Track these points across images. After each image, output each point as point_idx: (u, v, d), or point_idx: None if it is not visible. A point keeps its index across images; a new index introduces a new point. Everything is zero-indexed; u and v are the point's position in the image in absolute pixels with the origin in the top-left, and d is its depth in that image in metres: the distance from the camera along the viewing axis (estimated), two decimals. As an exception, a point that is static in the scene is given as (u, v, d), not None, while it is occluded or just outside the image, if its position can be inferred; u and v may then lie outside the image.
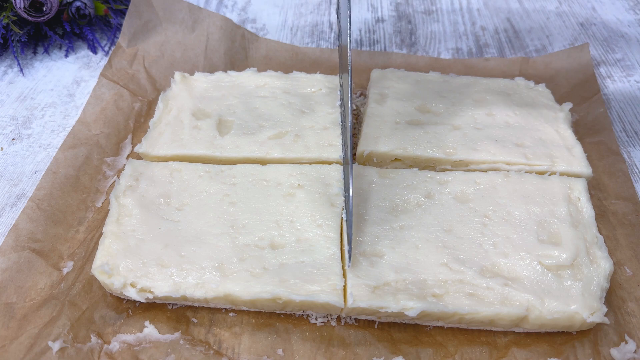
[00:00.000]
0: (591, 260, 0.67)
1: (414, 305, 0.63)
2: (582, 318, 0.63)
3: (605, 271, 0.66)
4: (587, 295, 0.64)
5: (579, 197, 0.74)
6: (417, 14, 1.24)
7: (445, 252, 0.68)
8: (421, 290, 0.65)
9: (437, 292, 0.65)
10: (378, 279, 0.66)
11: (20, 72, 1.06)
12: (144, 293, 0.66)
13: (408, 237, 0.70)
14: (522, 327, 0.66)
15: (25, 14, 1.03)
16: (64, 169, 0.83)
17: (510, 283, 0.65)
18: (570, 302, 0.64)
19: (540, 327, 0.65)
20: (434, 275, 0.66)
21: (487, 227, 0.71)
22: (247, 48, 1.09)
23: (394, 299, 0.64)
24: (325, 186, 0.76)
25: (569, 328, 0.65)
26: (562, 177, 0.77)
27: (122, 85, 0.98)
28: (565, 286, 0.65)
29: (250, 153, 0.81)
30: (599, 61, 1.08)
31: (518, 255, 0.68)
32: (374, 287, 0.65)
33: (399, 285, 0.66)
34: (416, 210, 0.73)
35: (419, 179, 0.77)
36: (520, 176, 0.77)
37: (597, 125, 0.91)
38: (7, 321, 0.67)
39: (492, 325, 0.66)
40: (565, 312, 0.63)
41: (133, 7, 1.05)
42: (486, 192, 0.75)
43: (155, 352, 0.65)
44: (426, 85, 0.92)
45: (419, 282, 0.66)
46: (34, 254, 0.73)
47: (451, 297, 0.64)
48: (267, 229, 0.71)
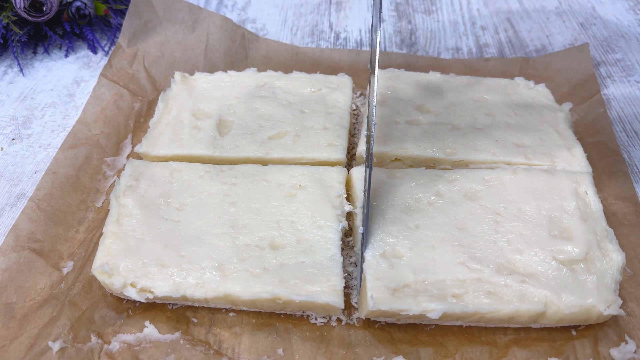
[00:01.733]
0: (603, 253, 0.68)
1: (436, 307, 0.63)
2: (599, 311, 0.63)
3: (617, 264, 0.67)
4: (602, 288, 0.65)
5: (586, 192, 0.74)
6: (417, 14, 1.24)
7: (462, 250, 0.68)
8: (441, 291, 0.65)
9: (457, 292, 0.65)
10: (398, 281, 0.65)
11: (20, 72, 1.06)
12: (144, 293, 0.66)
13: (424, 236, 0.70)
14: (540, 323, 0.66)
15: (25, 14, 1.03)
16: (64, 169, 0.83)
17: (527, 280, 0.66)
18: (586, 296, 0.64)
19: (558, 322, 0.66)
20: (452, 275, 0.66)
21: (500, 224, 0.71)
22: (247, 48, 1.09)
23: (414, 301, 0.63)
24: (326, 187, 0.76)
25: (585, 322, 0.66)
26: (568, 172, 0.77)
27: (122, 85, 0.98)
28: (580, 280, 0.65)
29: (250, 153, 0.81)
30: (599, 61, 1.08)
31: (532, 251, 0.68)
32: (393, 290, 0.64)
33: (418, 286, 0.65)
34: (428, 209, 0.73)
35: (428, 177, 0.77)
36: (527, 172, 0.77)
37: (597, 125, 0.91)
38: (7, 321, 0.67)
39: (511, 322, 0.66)
40: (582, 306, 0.63)
41: (133, 7, 1.05)
42: (495, 189, 0.75)
43: (155, 352, 0.65)
44: (426, 85, 0.92)
45: (438, 283, 0.65)
46: (34, 254, 0.73)
47: (471, 296, 0.64)
48: (267, 229, 0.71)
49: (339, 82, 0.93)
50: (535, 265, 0.67)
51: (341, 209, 0.73)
